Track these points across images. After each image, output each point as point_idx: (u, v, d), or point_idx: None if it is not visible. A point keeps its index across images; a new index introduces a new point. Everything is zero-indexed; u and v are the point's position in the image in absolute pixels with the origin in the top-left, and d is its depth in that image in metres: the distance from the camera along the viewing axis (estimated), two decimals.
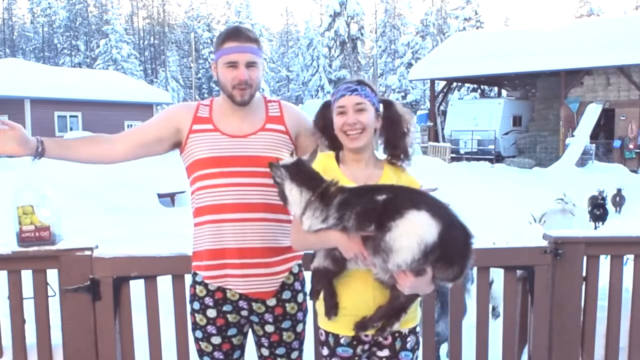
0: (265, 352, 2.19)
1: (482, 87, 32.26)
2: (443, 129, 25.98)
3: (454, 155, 23.25)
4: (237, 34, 2.11)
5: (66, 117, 25.53)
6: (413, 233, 1.71)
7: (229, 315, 2.14)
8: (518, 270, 2.81)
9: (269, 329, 2.15)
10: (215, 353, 2.15)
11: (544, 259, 2.75)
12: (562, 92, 22.77)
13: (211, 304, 2.13)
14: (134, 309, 2.64)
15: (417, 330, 2.06)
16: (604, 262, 2.90)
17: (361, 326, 1.93)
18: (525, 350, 2.94)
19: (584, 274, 2.81)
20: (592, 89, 23.10)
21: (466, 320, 3.20)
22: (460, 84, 32.23)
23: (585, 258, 2.80)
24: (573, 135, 20.98)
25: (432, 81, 27.36)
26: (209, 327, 2.14)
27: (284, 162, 1.94)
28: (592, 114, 21.48)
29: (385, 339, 1.98)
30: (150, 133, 2.21)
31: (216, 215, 2.08)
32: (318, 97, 43.89)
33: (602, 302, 2.87)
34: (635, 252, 2.87)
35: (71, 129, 24.45)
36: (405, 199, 1.78)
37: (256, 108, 2.18)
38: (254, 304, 2.12)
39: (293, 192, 1.87)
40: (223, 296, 2.12)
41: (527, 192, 13.49)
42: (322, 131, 2.06)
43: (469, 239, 1.80)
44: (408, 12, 60.00)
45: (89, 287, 2.56)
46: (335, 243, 1.84)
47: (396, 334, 1.99)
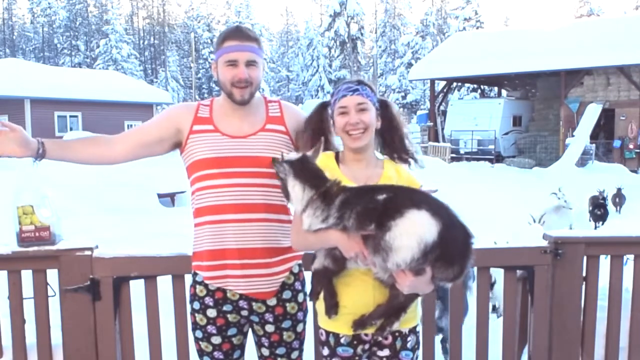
0: (265, 352, 2.19)
1: (482, 87, 32.26)
2: (443, 129, 25.96)
3: (454, 155, 23.23)
4: (237, 33, 2.11)
5: (66, 117, 25.49)
6: (413, 232, 1.71)
7: (229, 315, 2.14)
8: (518, 270, 2.81)
9: (269, 328, 2.15)
10: (215, 353, 2.15)
11: (544, 259, 2.75)
12: (562, 92, 22.76)
13: (211, 303, 2.13)
14: (134, 309, 2.64)
15: (418, 329, 2.06)
16: (604, 262, 2.90)
17: (360, 324, 1.93)
18: (525, 350, 2.94)
19: (584, 274, 2.81)
20: (592, 89, 23.10)
21: (468, 320, 3.20)
22: (460, 84, 32.22)
23: (585, 258, 2.80)
24: (573, 135, 20.98)
25: (432, 81, 27.35)
26: (209, 327, 2.14)
27: (288, 157, 1.93)
28: (592, 114, 21.48)
29: (386, 338, 1.98)
30: (151, 133, 2.21)
31: (216, 215, 2.08)
32: (318, 97, 43.80)
33: (602, 302, 2.87)
34: (635, 252, 2.87)
35: (71, 129, 24.40)
36: (406, 198, 1.78)
37: (256, 108, 2.18)
38: (254, 303, 2.12)
39: (296, 189, 1.87)
40: (223, 296, 2.12)
41: (527, 192, 13.50)
42: (317, 132, 2.06)
43: (469, 239, 1.80)
44: (408, 12, 60.16)
45: (89, 287, 2.56)
46: (335, 242, 1.84)
47: (396, 334, 1.99)
